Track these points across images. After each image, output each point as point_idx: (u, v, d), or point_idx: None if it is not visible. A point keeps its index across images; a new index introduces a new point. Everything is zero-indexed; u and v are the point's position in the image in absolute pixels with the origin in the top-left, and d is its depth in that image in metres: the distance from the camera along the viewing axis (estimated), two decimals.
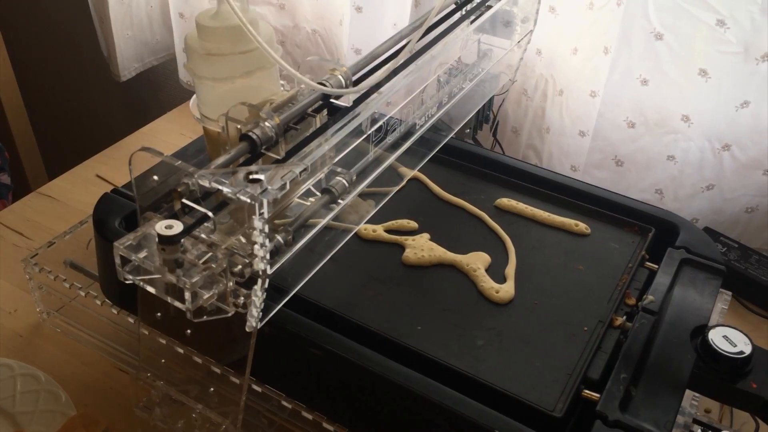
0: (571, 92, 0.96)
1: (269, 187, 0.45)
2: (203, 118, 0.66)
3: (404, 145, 0.64)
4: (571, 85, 0.96)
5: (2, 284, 0.85)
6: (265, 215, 0.45)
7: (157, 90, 1.51)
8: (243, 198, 0.45)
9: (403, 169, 0.71)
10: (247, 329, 0.51)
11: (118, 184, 0.78)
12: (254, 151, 0.53)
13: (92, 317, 0.76)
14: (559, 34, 0.94)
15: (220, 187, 0.46)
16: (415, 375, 0.57)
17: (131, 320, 0.71)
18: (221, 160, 0.51)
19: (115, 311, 0.72)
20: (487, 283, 0.68)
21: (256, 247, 0.47)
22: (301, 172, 0.48)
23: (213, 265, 0.48)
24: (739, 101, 0.85)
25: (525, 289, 0.68)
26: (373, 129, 0.59)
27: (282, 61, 0.54)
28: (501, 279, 0.69)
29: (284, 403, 0.62)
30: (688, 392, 0.60)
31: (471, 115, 0.84)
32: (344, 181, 0.57)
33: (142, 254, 0.48)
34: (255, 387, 0.63)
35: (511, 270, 0.70)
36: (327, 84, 0.57)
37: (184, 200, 0.48)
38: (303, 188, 0.57)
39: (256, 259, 0.47)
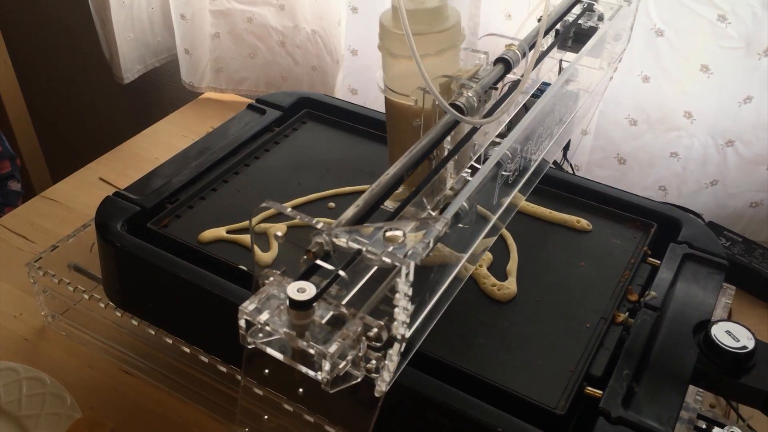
0: None
1: (416, 249, 0.41)
2: (389, 91, 0.69)
3: (524, 177, 0.62)
4: None
5: (7, 288, 0.86)
6: (411, 278, 0.41)
7: (160, 91, 1.51)
8: (387, 260, 0.41)
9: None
10: (376, 394, 0.47)
11: (121, 186, 0.78)
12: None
13: (96, 320, 0.77)
14: None
15: (359, 247, 0.41)
16: (416, 374, 0.57)
17: (135, 322, 0.71)
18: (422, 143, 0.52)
19: (118, 314, 0.72)
20: (489, 281, 0.68)
21: (397, 310, 0.42)
22: (442, 228, 0.45)
23: (350, 332, 0.43)
24: (741, 97, 0.85)
25: (527, 287, 0.68)
26: (504, 165, 0.58)
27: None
28: (503, 276, 0.69)
29: None
30: (691, 388, 0.60)
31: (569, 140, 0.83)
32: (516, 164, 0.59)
33: (264, 317, 0.44)
34: None
35: (512, 267, 0.70)
36: (507, 57, 0.62)
37: (318, 261, 0.44)
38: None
39: (396, 323, 0.43)
